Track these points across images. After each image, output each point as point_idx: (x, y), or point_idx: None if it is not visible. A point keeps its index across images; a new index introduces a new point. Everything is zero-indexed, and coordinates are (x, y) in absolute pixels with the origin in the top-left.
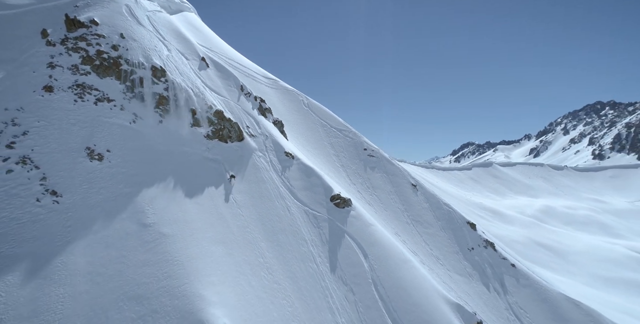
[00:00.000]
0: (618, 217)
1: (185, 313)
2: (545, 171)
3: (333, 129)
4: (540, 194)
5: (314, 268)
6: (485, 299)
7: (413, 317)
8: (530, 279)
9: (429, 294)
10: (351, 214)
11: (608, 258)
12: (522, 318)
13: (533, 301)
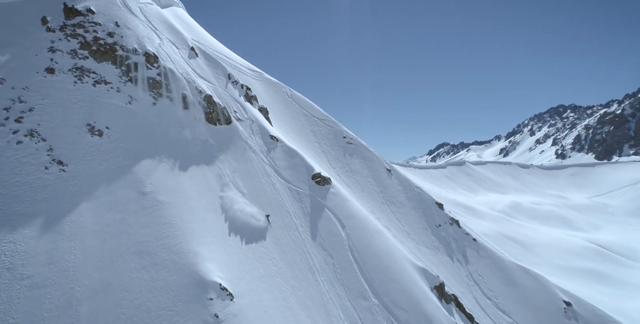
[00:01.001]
0: (577, 212)
1: (182, 265)
2: (513, 170)
3: (315, 118)
4: (509, 191)
5: (297, 236)
6: (449, 268)
7: (384, 277)
8: (488, 251)
9: (398, 259)
10: (330, 191)
11: (568, 249)
12: (480, 283)
13: (490, 269)
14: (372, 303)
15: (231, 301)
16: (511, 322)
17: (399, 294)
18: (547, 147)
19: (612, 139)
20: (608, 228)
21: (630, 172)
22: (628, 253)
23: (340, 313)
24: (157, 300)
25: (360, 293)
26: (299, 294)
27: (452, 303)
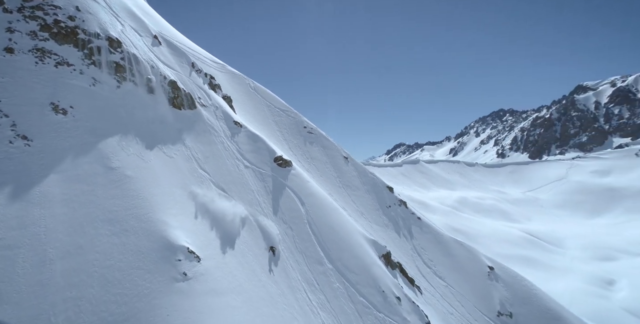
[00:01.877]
0: (514, 205)
1: (151, 232)
2: (461, 167)
3: (277, 109)
4: (457, 187)
5: (259, 210)
6: (397, 243)
7: (338, 246)
8: (430, 228)
9: (351, 232)
10: (291, 172)
11: (506, 239)
12: (422, 254)
13: (431, 243)
14: (327, 267)
15: (198, 262)
16: (445, 285)
17: (350, 261)
18: (490, 148)
19: (542, 140)
20: (538, 219)
21: (556, 170)
22: (553, 240)
23: (298, 276)
24: (128, 261)
25: (316, 260)
26: (261, 260)
27: (397, 269)
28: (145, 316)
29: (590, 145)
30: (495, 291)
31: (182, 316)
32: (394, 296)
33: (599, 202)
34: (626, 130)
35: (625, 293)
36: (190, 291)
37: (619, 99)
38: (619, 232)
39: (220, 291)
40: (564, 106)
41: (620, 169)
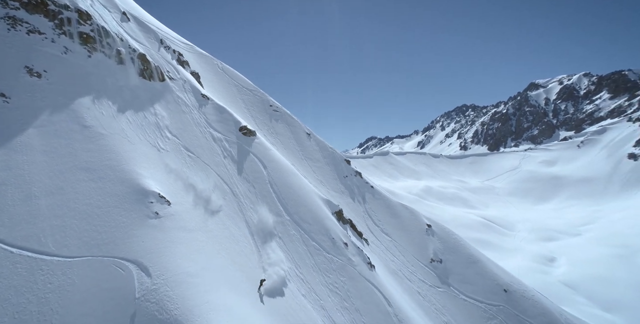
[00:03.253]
0: (473, 193)
1: (125, 180)
2: (427, 159)
3: (245, 89)
4: (423, 177)
5: (225, 171)
6: (351, 206)
7: (295, 203)
8: (381, 194)
9: (308, 192)
10: (255, 141)
11: (465, 223)
12: (372, 216)
13: (381, 206)
14: (284, 218)
15: (169, 205)
16: (390, 240)
17: (306, 214)
18: (454, 141)
19: (499, 134)
20: (494, 205)
21: (510, 161)
22: (506, 224)
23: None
24: (105, 201)
25: (276, 212)
26: (227, 209)
27: (348, 224)
28: (123, 242)
29: (540, 138)
30: (430, 243)
31: (155, 244)
32: (342, 242)
33: (545, 189)
34: (570, 124)
35: (564, 269)
36: (162, 226)
37: (565, 96)
38: (561, 216)
39: (189, 229)
40: (518, 101)
41: (564, 159)
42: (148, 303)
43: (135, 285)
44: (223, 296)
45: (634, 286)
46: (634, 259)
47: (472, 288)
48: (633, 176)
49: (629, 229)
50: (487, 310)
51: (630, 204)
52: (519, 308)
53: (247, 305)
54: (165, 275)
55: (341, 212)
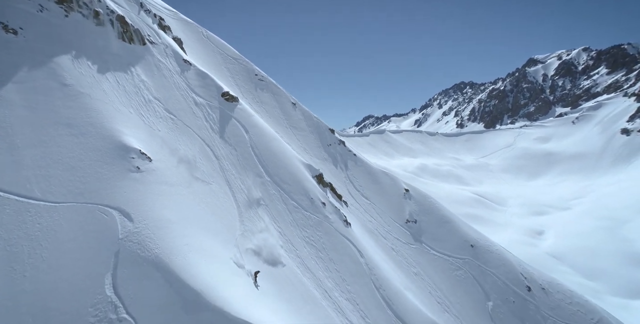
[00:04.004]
0: (467, 170)
1: (107, 136)
2: (423, 137)
3: (230, 57)
4: (419, 155)
5: (207, 134)
6: (333, 172)
7: (276, 165)
8: (363, 161)
9: (289, 157)
10: (238, 107)
11: (458, 200)
12: (353, 181)
13: (362, 173)
14: (265, 179)
15: (150, 162)
16: (369, 203)
17: (286, 176)
18: (451, 118)
19: (496, 111)
20: (487, 182)
21: (505, 138)
22: (498, 200)
23: (239, 183)
24: (87, 155)
25: (256, 173)
26: (208, 169)
27: (328, 188)
28: (106, 192)
29: (536, 114)
30: (407, 206)
31: (137, 194)
32: (320, 202)
33: (538, 165)
34: (567, 100)
35: (551, 241)
36: (143, 180)
37: (563, 71)
38: (552, 191)
39: (170, 183)
40: (516, 78)
41: (558, 135)
42: (130, 242)
43: (119, 228)
44: (202, 241)
45: (616, 255)
46: (619, 231)
47: (442, 245)
48: (624, 151)
49: (616, 202)
50: (454, 263)
51: (620, 178)
52: (483, 260)
53: (224, 250)
54: (146, 221)
55: (321, 176)
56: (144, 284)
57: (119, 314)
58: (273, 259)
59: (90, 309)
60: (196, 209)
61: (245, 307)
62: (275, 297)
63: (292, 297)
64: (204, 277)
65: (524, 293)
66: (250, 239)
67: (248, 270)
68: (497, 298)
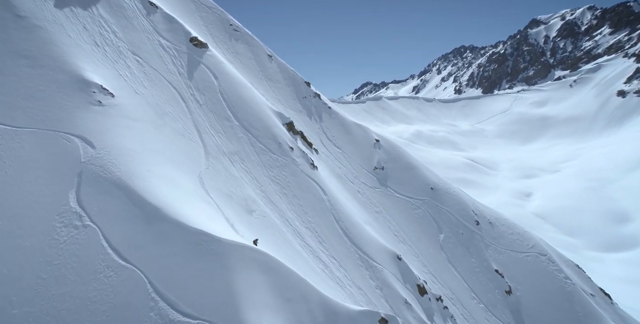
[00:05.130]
0: (462, 136)
1: (67, 70)
2: (420, 103)
3: (203, 5)
4: (415, 122)
5: (173, 77)
6: (307, 123)
7: (245, 111)
8: (338, 114)
9: (260, 104)
10: (207, 53)
11: (451, 165)
12: (326, 132)
13: (336, 125)
14: (233, 123)
15: (112, 97)
16: (340, 152)
17: (255, 121)
18: (449, 84)
19: (495, 76)
20: (481, 148)
21: (502, 103)
22: (490, 164)
23: (207, 124)
24: (47, 86)
25: (225, 117)
26: (173, 109)
27: (299, 135)
28: (67, 121)
29: (535, 78)
30: (376, 154)
31: (99, 126)
32: (288, 146)
33: (532, 130)
34: (567, 63)
35: (538, 202)
36: (105, 113)
37: (566, 32)
38: (543, 155)
39: (135, 118)
40: (517, 41)
41: (554, 99)
42: (93, 165)
43: (81, 153)
44: (165, 170)
45: (599, 213)
46: (604, 191)
47: (405, 188)
48: (618, 113)
49: (605, 163)
50: (414, 203)
51: (611, 140)
52: (440, 200)
53: (188, 179)
54: (108, 148)
55: (292, 124)
56: (107, 200)
57: (84, 222)
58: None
59: (57, 217)
60: (160, 144)
61: (203, 221)
62: (236, 221)
63: (252, 220)
64: (165, 197)
65: (473, 226)
66: (214, 172)
67: (212, 198)
68: (448, 231)
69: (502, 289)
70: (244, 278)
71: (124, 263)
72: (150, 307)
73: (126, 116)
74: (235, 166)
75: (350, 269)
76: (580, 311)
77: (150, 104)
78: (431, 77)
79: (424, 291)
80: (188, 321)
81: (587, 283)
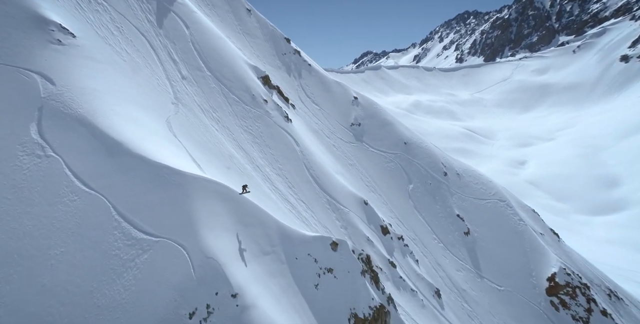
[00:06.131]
0: (461, 106)
1: (24, 6)
2: (420, 72)
3: None
4: (414, 92)
5: (142, 24)
6: (286, 80)
7: (218, 62)
8: (317, 72)
9: (234, 57)
10: (177, 2)
11: (448, 135)
12: (305, 89)
13: (315, 82)
14: (205, 73)
15: (73, 37)
16: (319, 108)
17: (228, 73)
18: (451, 53)
19: (498, 43)
20: (479, 117)
21: (503, 71)
22: (487, 134)
23: (177, 74)
24: (4, 21)
25: (196, 67)
26: (141, 55)
27: (275, 90)
28: (26, 57)
29: (539, 45)
30: (353, 111)
31: (59, 64)
32: (262, 99)
33: (532, 98)
34: (572, 27)
35: (531, 170)
36: (65, 52)
37: None
38: (541, 123)
39: (97, 60)
40: (522, 4)
41: (556, 66)
42: (53, 101)
43: (40, 88)
44: (132, 112)
45: (589, 179)
46: (596, 157)
47: (380, 143)
48: (619, 79)
49: (600, 130)
50: (387, 157)
51: (609, 107)
52: (412, 154)
53: (153, 122)
54: (69, 86)
55: (267, 78)
56: (69, 134)
57: (47, 153)
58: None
59: (19, 146)
60: (126, 87)
61: (167, 157)
62: (204, 161)
63: (220, 163)
64: (129, 134)
65: (440, 177)
66: (184, 118)
67: (180, 141)
68: (417, 181)
69: (461, 231)
70: (204, 205)
71: (87, 190)
72: (114, 227)
73: (89, 57)
74: (206, 115)
75: (318, 210)
76: (528, 247)
77: (115, 48)
78: (433, 45)
79: (387, 231)
80: (150, 238)
81: (539, 224)
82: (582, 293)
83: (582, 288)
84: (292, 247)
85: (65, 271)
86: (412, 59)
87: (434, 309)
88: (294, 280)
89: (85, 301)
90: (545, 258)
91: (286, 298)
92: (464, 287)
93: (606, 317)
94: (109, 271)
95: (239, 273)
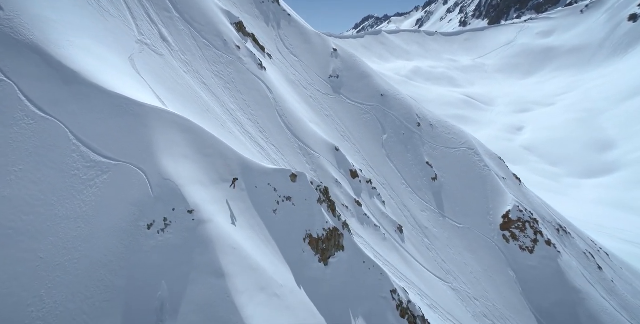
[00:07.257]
0: (462, 72)
1: None
2: (421, 37)
3: None
4: (414, 58)
5: None
6: (264, 30)
7: (188, 5)
8: (298, 22)
9: (209, 2)
10: None
11: (447, 102)
12: (284, 40)
13: (295, 33)
14: (173, 15)
15: None
16: (297, 60)
17: (199, 16)
18: (455, 16)
19: (503, 4)
20: (480, 83)
21: (507, 34)
22: (487, 100)
23: (142, 13)
24: None
25: (163, 8)
26: None
27: (250, 38)
28: None
29: (546, 5)
30: (332, 63)
31: None
32: (235, 45)
33: (534, 63)
34: None
35: (527, 136)
36: None
37: None
38: (541, 88)
39: None
40: None
41: (562, 28)
42: (1, 26)
43: None
44: (91, 45)
45: (583, 143)
46: (593, 121)
47: (357, 95)
48: (625, 40)
49: (600, 94)
50: (363, 108)
51: (611, 70)
52: (388, 105)
53: (117, 59)
54: (19, 12)
55: (242, 24)
56: (21, 61)
57: None
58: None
59: None
60: (85, 20)
61: (126, 89)
62: (170, 99)
63: (187, 103)
64: (86, 65)
65: (414, 128)
66: (149, 58)
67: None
68: (391, 132)
69: (429, 177)
70: (163, 134)
71: (43, 115)
72: (72, 150)
73: None
74: (174, 56)
75: (288, 154)
76: (489, 189)
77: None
78: (436, 8)
79: (356, 175)
80: (109, 161)
81: (503, 170)
82: (531, 226)
83: (531, 222)
84: (252, 177)
85: (25, 187)
86: (414, 23)
87: (394, 242)
88: (252, 205)
89: (47, 211)
90: (503, 198)
91: (244, 219)
92: (427, 225)
93: (549, 246)
94: (68, 188)
95: (197, 194)
